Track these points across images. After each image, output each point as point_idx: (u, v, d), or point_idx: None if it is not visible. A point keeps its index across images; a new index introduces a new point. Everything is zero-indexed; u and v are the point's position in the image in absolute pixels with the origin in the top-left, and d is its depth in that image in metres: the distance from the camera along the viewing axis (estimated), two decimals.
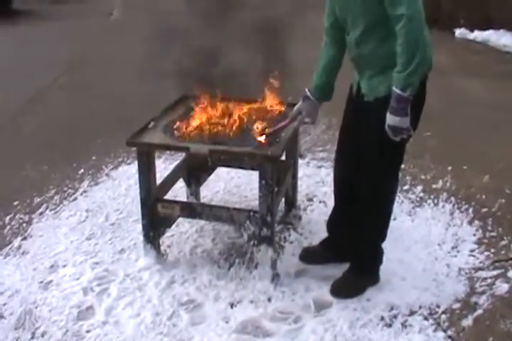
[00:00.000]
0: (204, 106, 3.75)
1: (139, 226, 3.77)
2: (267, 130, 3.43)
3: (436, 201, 4.54)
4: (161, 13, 12.29)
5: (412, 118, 2.94)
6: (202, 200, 4.34)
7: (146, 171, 3.55)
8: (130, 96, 6.98)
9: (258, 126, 3.47)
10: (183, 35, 9.78)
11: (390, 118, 2.93)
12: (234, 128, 3.57)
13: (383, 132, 2.99)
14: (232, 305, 3.36)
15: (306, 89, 3.42)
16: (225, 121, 3.63)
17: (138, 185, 3.62)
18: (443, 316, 3.28)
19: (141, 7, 13.13)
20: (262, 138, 3.37)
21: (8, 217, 4.32)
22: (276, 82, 3.68)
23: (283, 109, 3.80)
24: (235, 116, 3.69)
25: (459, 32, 10.62)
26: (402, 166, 3.40)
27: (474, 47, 9.94)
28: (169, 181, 3.94)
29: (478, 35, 10.27)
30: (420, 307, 3.34)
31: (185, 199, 4.23)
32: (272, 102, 3.83)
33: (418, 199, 4.58)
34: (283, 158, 3.87)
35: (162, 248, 3.81)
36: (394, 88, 2.87)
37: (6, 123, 6.32)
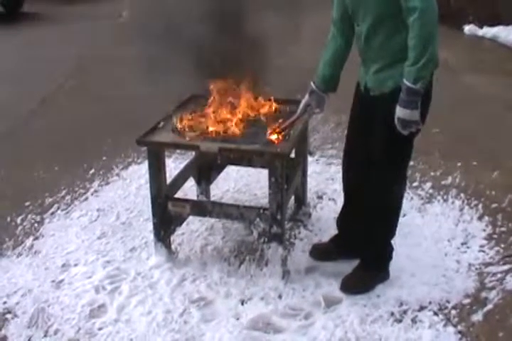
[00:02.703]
0: (213, 105, 3.77)
1: (150, 225, 3.79)
2: (277, 127, 3.45)
3: (445, 197, 4.54)
4: (171, 14, 12.31)
5: (421, 112, 2.95)
6: (212, 199, 4.36)
7: (157, 170, 3.58)
8: (140, 96, 6.98)
9: (268, 123, 3.51)
10: (193, 37, 9.79)
11: (400, 111, 2.93)
12: (244, 126, 3.59)
13: (391, 127, 2.99)
14: (242, 302, 3.38)
15: (312, 83, 3.44)
16: (235, 119, 3.65)
17: (148, 184, 3.64)
18: (453, 311, 3.29)
19: (150, 8, 13.15)
20: (273, 137, 3.39)
21: (20, 218, 4.36)
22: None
23: (290, 105, 3.82)
24: (245, 114, 3.71)
25: (468, 28, 10.60)
26: (411, 163, 3.41)
27: (483, 44, 9.92)
28: (179, 180, 3.96)
29: (487, 31, 10.23)
30: (430, 303, 3.35)
31: (195, 198, 4.25)
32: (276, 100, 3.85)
33: (428, 195, 4.58)
34: (292, 155, 3.88)
35: (173, 246, 3.83)
36: (405, 81, 2.87)
37: (17, 124, 6.36)
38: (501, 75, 7.89)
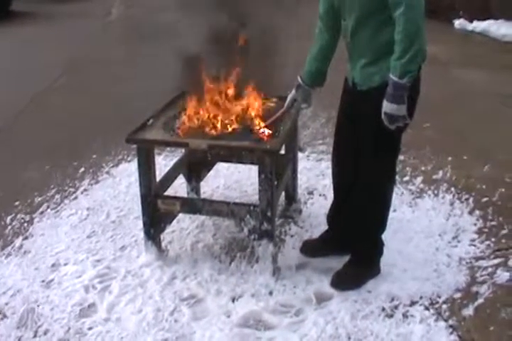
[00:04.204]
0: (202, 102, 3.76)
1: (140, 223, 3.78)
2: (264, 122, 3.45)
3: (436, 192, 4.54)
4: (159, 11, 12.29)
5: (408, 107, 2.94)
6: (202, 196, 4.35)
7: (146, 168, 3.56)
8: (129, 95, 6.98)
9: (256, 119, 3.50)
10: (181, 34, 9.78)
11: (387, 106, 2.92)
12: (233, 122, 3.57)
13: (379, 122, 2.99)
14: (233, 300, 3.36)
15: (298, 77, 3.44)
16: (224, 116, 3.63)
17: (138, 182, 3.62)
18: (444, 306, 3.29)
19: (139, 6, 13.13)
20: (261, 132, 3.38)
21: (9, 217, 4.32)
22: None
23: (278, 101, 3.82)
24: (233, 111, 3.70)
25: (458, 23, 10.61)
26: (402, 158, 3.40)
27: (474, 38, 9.93)
28: (169, 177, 3.95)
29: (477, 25, 10.24)
30: (421, 298, 3.35)
31: (185, 195, 4.23)
32: (263, 96, 3.84)
33: (418, 190, 4.58)
34: (282, 151, 3.87)
35: (163, 244, 3.82)
36: (391, 75, 2.86)
37: (7, 123, 6.33)
38: (491, 69, 7.89)
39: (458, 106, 6.41)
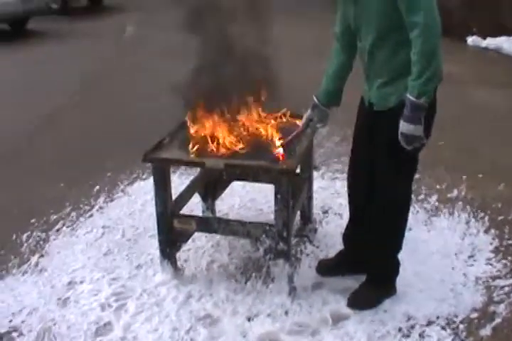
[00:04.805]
0: (217, 121, 3.76)
1: (156, 242, 3.78)
2: (280, 141, 3.45)
3: (451, 210, 4.53)
4: (174, 29, 12.34)
5: (425, 127, 2.95)
6: (218, 215, 4.35)
7: (162, 187, 3.57)
8: (145, 113, 7.01)
9: (272, 139, 3.51)
10: (196, 51, 9.79)
11: (404, 126, 2.93)
12: (249, 142, 3.58)
13: (396, 142, 2.99)
14: (249, 320, 3.36)
15: (314, 97, 3.45)
16: (239, 135, 3.64)
17: (154, 201, 3.63)
18: (461, 326, 3.27)
19: (152, 24, 13.18)
20: (277, 151, 3.38)
21: (25, 235, 4.34)
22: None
23: (294, 120, 3.82)
24: (250, 130, 3.70)
25: (471, 40, 10.61)
26: (417, 176, 3.40)
27: (487, 55, 9.93)
28: (185, 196, 3.96)
29: (490, 42, 10.24)
30: (438, 318, 3.33)
31: (201, 214, 4.24)
32: (281, 115, 3.85)
33: (434, 209, 4.57)
34: (298, 171, 3.87)
35: (179, 263, 3.82)
36: (408, 96, 2.87)
37: (23, 141, 6.37)
38: (506, 86, 7.89)
39: (472, 125, 6.40)
